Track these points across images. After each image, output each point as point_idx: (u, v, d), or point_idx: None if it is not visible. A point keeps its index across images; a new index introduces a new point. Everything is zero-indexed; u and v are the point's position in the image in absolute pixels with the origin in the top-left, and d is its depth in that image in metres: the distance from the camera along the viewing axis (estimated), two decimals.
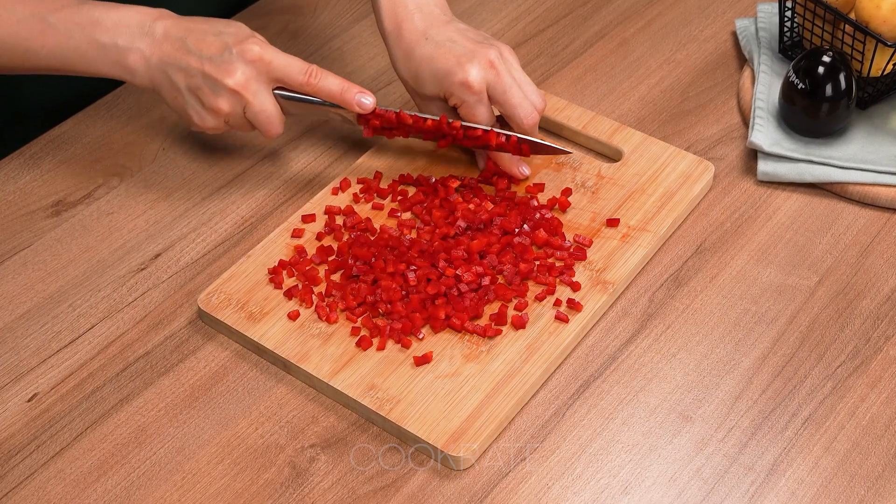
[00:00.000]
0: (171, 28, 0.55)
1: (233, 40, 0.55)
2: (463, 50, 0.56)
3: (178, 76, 0.55)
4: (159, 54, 0.55)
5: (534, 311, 0.54)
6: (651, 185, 0.60)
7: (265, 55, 0.55)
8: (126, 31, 0.55)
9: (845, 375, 0.52)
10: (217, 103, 0.55)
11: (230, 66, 0.54)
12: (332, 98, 0.56)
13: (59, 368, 0.53)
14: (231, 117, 0.56)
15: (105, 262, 0.58)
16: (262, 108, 0.56)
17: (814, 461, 0.49)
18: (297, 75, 0.55)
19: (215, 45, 0.54)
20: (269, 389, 0.52)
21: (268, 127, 0.57)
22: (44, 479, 0.49)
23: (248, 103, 0.55)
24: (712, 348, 0.53)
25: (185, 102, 0.56)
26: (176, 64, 0.54)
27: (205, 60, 0.54)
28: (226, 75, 0.54)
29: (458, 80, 0.55)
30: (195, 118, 0.56)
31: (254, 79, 0.55)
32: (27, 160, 0.63)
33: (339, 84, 0.56)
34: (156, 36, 0.55)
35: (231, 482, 0.48)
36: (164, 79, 0.55)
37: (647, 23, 0.71)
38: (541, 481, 0.48)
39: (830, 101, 0.59)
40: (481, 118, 0.56)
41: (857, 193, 0.60)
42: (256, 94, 0.55)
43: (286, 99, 0.57)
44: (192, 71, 0.54)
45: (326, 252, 0.56)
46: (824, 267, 0.57)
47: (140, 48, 0.55)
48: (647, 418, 0.50)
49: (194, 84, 0.55)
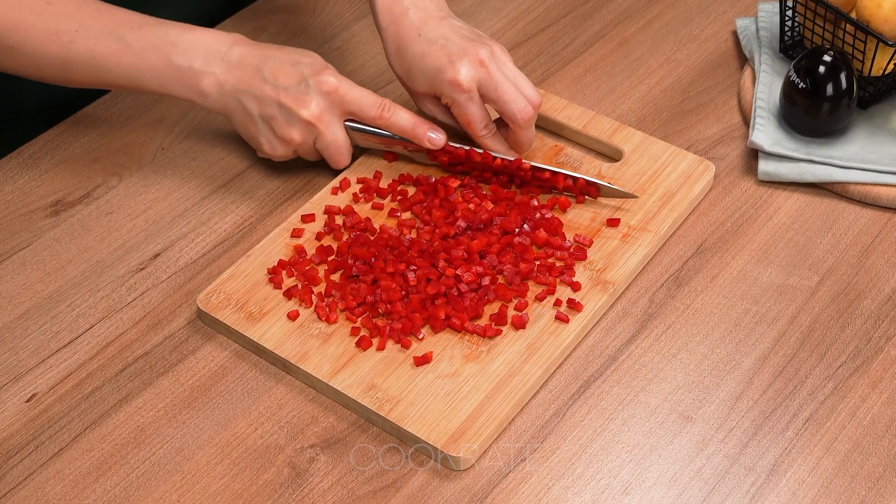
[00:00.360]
0: (246, 55, 0.56)
1: (309, 71, 0.55)
2: (454, 48, 0.56)
3: (251, 104, 0.55)
4: (234, 80, 0.55)
5: (534, 312, 0.53)
6: (651, 185, 0.59)
7: (340, 88, 0.56)
8: (202, 55, 0.55)
9: (846, 376, 0.52)
10: (290, 133, 0.56)
11: (305, 98, 0.55)
12: (404, 133, 0.57)
13: (57, 369, 0.53)
14: (301, 147, 0.57)
15: (104, 262, 0.58)
16: (334, 140, 0.57)
17: (815, 462, 0.49)
18: (371, 109, 0.56)
19: (291, 76, 0.55)
20: (269, 390, 0.52)
21: (337, 157, 0.58)
22: (42, 480, 0.49)
23: (320, 134, 0.56)
24: (713, 348, 0.53)
25: (256, 130, 0.56)
26: (251, 91, 0.55)
27: (280, 90, 0.55)
28: (301, 106, 0.55)
29: (448, 78, 0.55)
30: (265, 146, 0.57)
31: (327, 111, 0.56)
32: (26, 160, 0.63)
33: (410, 120, 0.57)
34: (231, 61, 0.55)
35: (230, 483, 0.48)
36: (237, 105, 0.56)
37: (648, 22, 0.71)
38: (541, 482, 0.48)
39: (831, 100, 0.59)
40: (474, 117, 0.56)
41: (858, 193, 0.60)
42: (329, 125, 0.56)
43: (356, 131, 0.58)
44: (267, 100, 0.55)
45: (326, 252, 0.56)
46: (825, 267, 0.57)
47: (215, 73, 0.55)
48: (647, 419, 0.50)
49: (268, 113, 0.55)
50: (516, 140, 0.58)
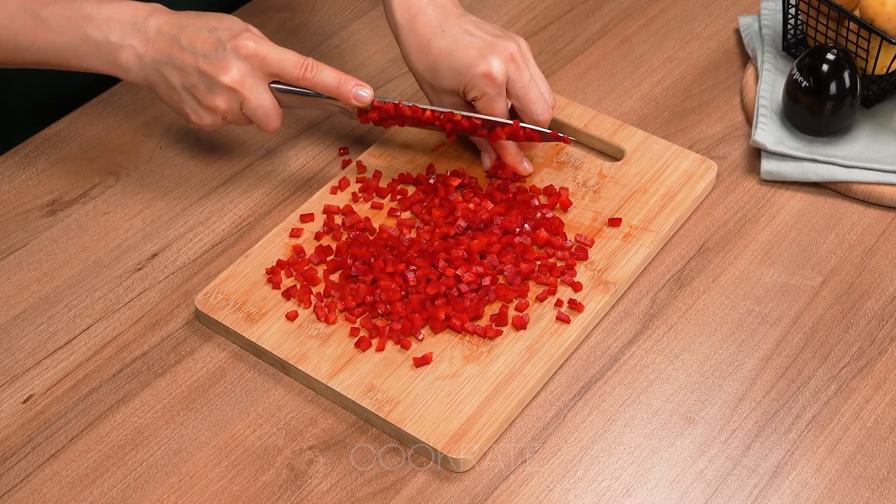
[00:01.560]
0: (163, 24, 0.54)
1: (226, 35, 0.54)
2: (483, 42, 0.55)
3: (172, 74, 0.54)
4: (153, 52, 0.54)
5: (535, 312, 0.53)
6: (653, 185, 0.59)
7: (260, 50, 0.54)
8: (118, 27, 0.54)
9: (850, 377, 0.52)
10: (214, 101, 0.55)
11: (225, 63, 0.54)
12: (329, 91, 0.56)
13: (54, 369, 0.53)
14: (228, 114, 0.56)
15: (101, 262, 0.58)
16: (260, 104, 0.55)
17: (818, 463, 0.48)
18: (293, 69, 0.55)
19: (209, 42, 0.54)
20: (267, 391, 0.51)
21: (266, 122, 0.56)
22: (39, 482, 0.48)
23: (244, 99, 0.55)
24: (715, 349, 0.53)
25: (181, 100, 0.55)
26: (170, 62, 0.54)
27: (199, 57, 0.54)
28: (221, 72, 0.54)
29: (481, 71, 0.55)
30: (192, 116, 0.56)
31: (249, 75, 0.54)
32: (22, 159, 0.63)
33: (335, 77, 0.55)
34: (149, 32, 0.54)
35: (229, 484, 0.48)
36: (158, 77, 0.55)
37: (650, 20, 0.71)
38: (542, 483, 0.48)
39: (834, 99, 0.59)
40: (500, 111, 0.56)
41: (862, 193, 0.59)
42: (253, 89, 0.55)
43: (283, 92, 0.56)
44: (188, 69, 0.54)
45: (325, 252, 0.56)
46: (828, 267, 0.57)
47: (133, 45, 0.54)
48: (649, 420, 0.50)
49: (190, 82, 0.54)
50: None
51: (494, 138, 0.57)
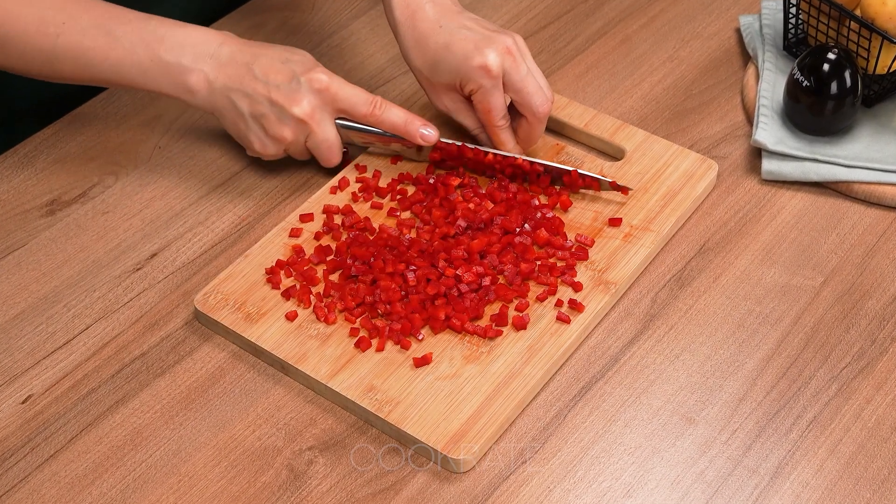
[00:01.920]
0: (236, 52, 0.55)
1: (300, 69, 0.55)
2: (479, 36, 0.56)
3: (242, 102, 0.55)
4: (224, 78, 0.55)
5: (535, 312, 0.53)
6: (654, 184, 0.59)
7: (332, 86, 0.56)
8: (191, 51, 0.55)
9: (851, 377, 0.52)
10: (281, 131, 0.56)
11: (297, 95, 0.55)
12: (396, 130, 0.57)
13: (53, 370, 0.53)
14: (292, 146, 0.57)
15: (100, 262, 0.57)
16: (325, 138, 0.56)
17: (819, 464, 0.48)
18: (362, 106, 0.56)
19: (283, 73, 0.55)
20: (267, 391, 0.51)
21: (329, 156, 0.57)
22: (38, 483, 0.48)
23: (311, 133, 0.56)
24: (716, 349, 0.53)
25: (247, 128, 0.56)
26: (241, 89, 0.55)
27: (272, 88, 0.55)
28: (293, 104, 0.55)
29: (477, 64, 0.55)
30: (256, 144, 0.57)
31: (319, 108, 0.56)
32: (21, 159, 0.63)
33: (402, 116, 0.57)
34: (221, 59, 0.55)
35: (228, 485, 0.48)
36: (226, 103, 0.55)
37: (650, 19, 0.71)
38: (542, 484, 0.48)
39: (835, 98, 0.59)
40: (496, 104, 0.56)
41: (863, 192, 0.59)
42: (321, 123, 0.56)
43: (347, 129, 0.57)
44: (259, 98, 0.55)
45: (325, 252, 0.56)
46: (829, 267, 0.56)
47: (204, 70, 0.55)
48: (649, 420, 0.50)
49: (259, 111, 0.55)
50: (528, 134, 0.58)
51: (558, 184, 0.57)
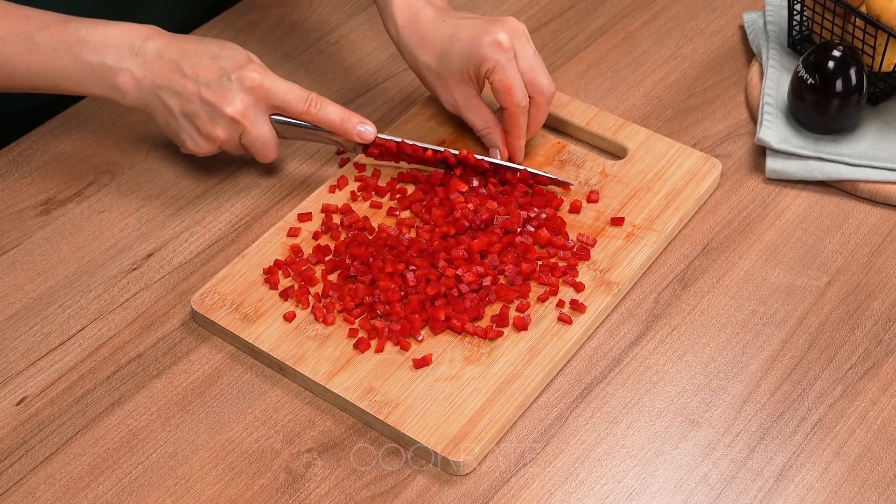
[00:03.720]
0: (163, 48, 0.54)
1: (231, 65, 0.54)
2: (483, 21, 0.56)
3: (172, 100, 0.54)
4: (152, 76, 0.54)
5: (536, 313, 0.53)
6: (656, 183, 0.59)
7: (265, 82, 0.54)
8: (115, 51, 0.54)
9: (856, 378, 0.51)
10: (214, 130, 0.55)
11: (229, 94, 0.54)
12: (333, 127, 0.56)
13: (48, 371, 0.52)
14: (227, 143, 0.56)
15: (96, 262, 0.57)
16: (259, 135, 0.55)
17: (824, 466, 0.48)
18: (297, 103, 0.55)
19: (213, 71, 0.54)
20: (265, 393, 0.51)
21: (264, 152, 0.57)
22: (33, 485, 0.48)
23: (245, 130, 0.55)
24: (719, 350, 0.52)
25: (178, 126, 0.55)
26: (171, 88, 0.54)
27: (202, 86, 0.53)
28: (225, 103, 0.54)
29: (488, 40, 0.55)
30: (189, 143, 0.56)
31: (252, 106, 0.55)
32: (16, 158, 0.62)
33: (339, 113, 0.56)
34: (147, 56, 0.54)
35: (225, 488, 0.48)
36: (156, 101, 0.54)
37: (653, 16, 0.70)
38: (543, 487, 0.47)
39: (840, 96, 0.58)
40: (515, 80, 0.55)
41: (868, 191, 0.59)
42: (255, 121, 0.55)
43: (282, 124, 0.57)
44: (189, 96, 0.54)
45: (323, 252, 0.55)
46: (834, 267, 0.56)
47: (131, 69, 0.54)
48: (652, 422, 0.50)
49: (190, 110, 0.54)
50: (535, 118, 0.58)
51: (507, 181, 0.57)
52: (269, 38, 0.69)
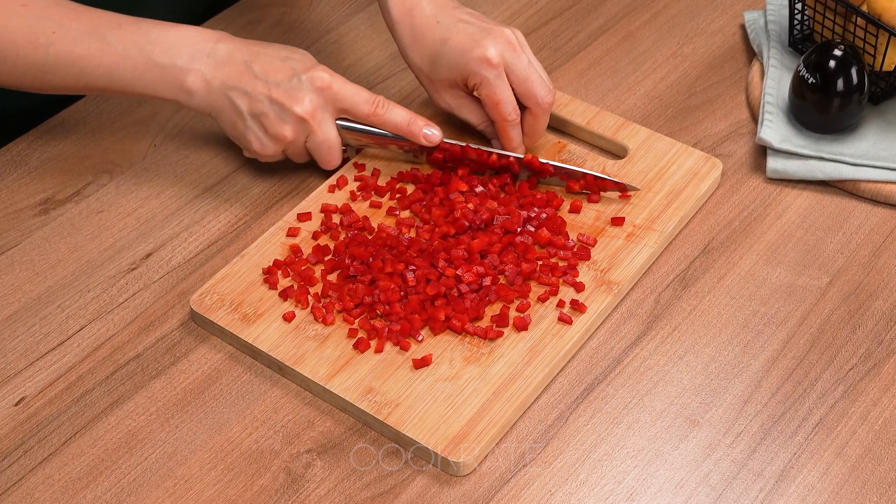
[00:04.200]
0: (234, 50, 0.54)
1: (301, 67, 0.55)
2: (477, 29, 0.56)
3: (241, 100, 0.54)
4: (222, 77, 0.54)
5: (536, 313, 0.52)
6: (657, 183, 0.58)
7: (334, 85, 0.55)
8: (186, 51, 0.54)
9: (857, 379, 0.51)
10: (282, 130, 0.55)
11: (298, 94, 0.54)
12: (399, 130, 0.56)
13: (47, 371, 0.52)
14: (292, 146, 0.56)
15: (94, 262, 0.57)
16: (326, 139, 0.56)
17: (825, 467, 0.48)
18: (364, 106, 0.55)
19: (283, 71, 0.54)
20: (264, 393, 0.51)
21: (328, 156, 0.57)
22: (31, 486, 0.48)
23: (312, 132, 0.55)
24: (720, 351, 0.52)
25: (245, 128, 0.55)
26: (241, 88, 0.54)
27: (272, 86, 0.54)
28: (294, 102, 0.54)
29: (477, 56, 0.54)
30: (255, 144, 0.56)
31: (320, 107, 0.55)
32: (14, 157, 0.62)
33: (405, 116, 0.56)
34: (218, 57, 0.54)
35: (224, 488, 0.47)
36: (225, 102, 0.54)
37: (653, 15, 0.70)
38: (543, 487, 0.47)
39: (842, 96, 0.58)
40: (504, 95, 0.55)
41: (870, 191, 0.59)
42: (322, 123, 0.55)
43: (348, 129, 0.57)
44: (258, 96, 0.54)
45: (323, 251, 0.55)
46: (835, 267, 0.56)
47: (201, 69, 0.54)
48: (652, 423, 0.49)
49: (259, 109, 0.54)
50: (533, 127, 0.57)
51: (569, 188, 0.57)
52: (268, 38, 0.69)
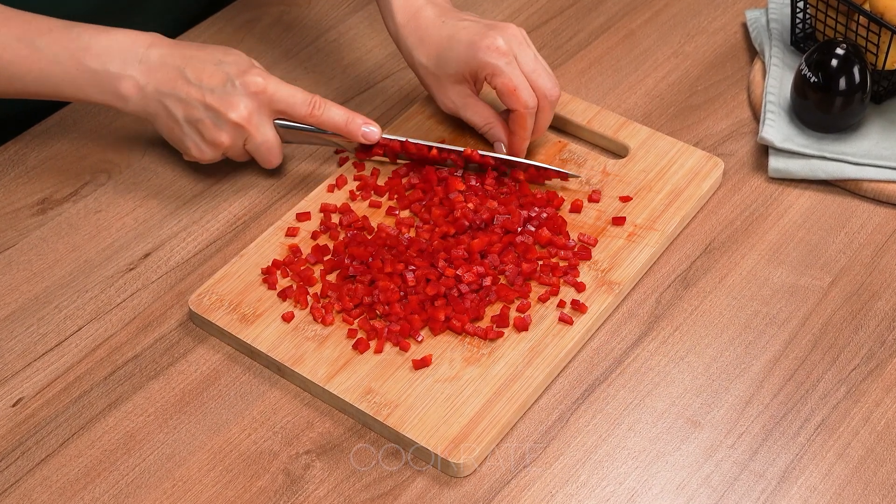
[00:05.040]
0: (166, 55, 0.54)
1: (234, 70, 0.54)
2: (482, 26, 0.56)
3: (176, 107, 0.54)
4: (155, 83, 0.54)
5: (537, 313, 0.52)
6: (658, 182, 0.58)
7: (268, 88, 0.54)
8: (118, 57, 0.53)
9: (859, 379, 0.51)
10: (219, 136, 0.55)
11: (233, 99, 0.54)
12: (337, 129, 0.56)
13: (44, 372, 0.52)
14: (231, 149, 0.56)
15: (92, 262, 0.57)
16: (264, 140, 0.56)
17: (827, 468, 0.48)
18: (301, 107, 0.55)
19: (216, 77, 0.54)
20: (263, 394, 0.51)
21: (269, 157, 0.57)
22: (29, 487, 0.48)
23: (250, 136, 0.55)
24: (722, 351, 0.52)
25: (182, 133, 0.55)
26: (174, 94, 0.54)
27: (206, 92, 0.53)
28: (229, 108, 0.54)
29: (485, 45, 0.54)
30: (193, 150, 0.56)
31: (256, 112, 0.55)
32: (11, 157, 0.62)
33: (343, 115, 0.56)
34: (151, 63, 0.54)
35: (223, 490, 0.47)
36: (160, 108, 0.54)
37: (655, 14, 0.70)
38: (544, 489, 0.47)
39: (844, 95, 0.58)
40: (519, 81, 0.55)
41: (872, 191, 0.59)
42: (259, 127, 0.55)
43: (286, 128, 0.57)
44: (193, 102, 0.54)
45: (322, 251, 0.55)
46: (838, 267, 0.56)
47: (133, 76, 0.53)
48: (654, 424, 0.49)
49: (194, 116, 0.54)
50: (538, 122, 0.57)
51: (514, 176, 0.57)
52: (267, 36, 0.69)
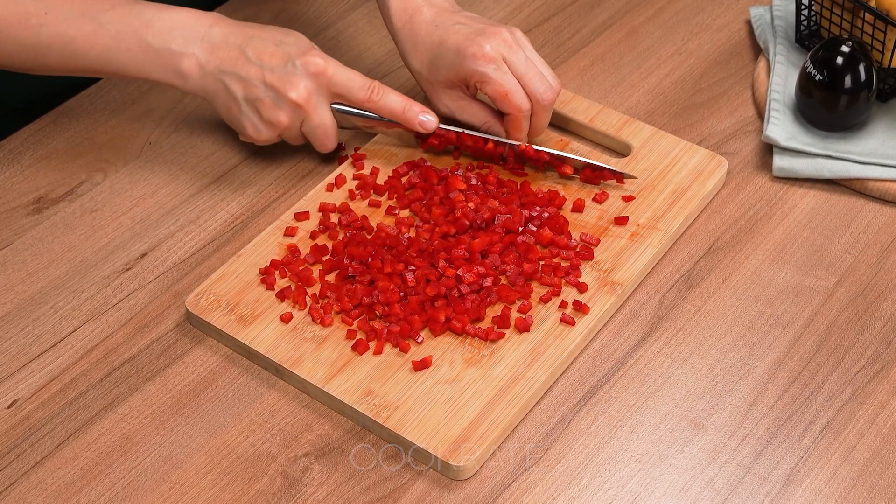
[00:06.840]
0: (229, 34, 0.54)
1: (295, 51, 0.54)
2: (472, 30, 0.56)
3: (236, 85, 0.54)
4: (217, 61, 0.54)
5: (538, 314, 0.52)
6: (661, 182, 0.58)
7: (328, 69, 0.55)
8: (180, 35, 0.54)
9: (865, 381, 0.51)
10: (277, 116, 0.55)
11: (293, 79, 0.54)
12: (394, 116, 0.56)
13: (40, 373, 0.52)
14: (288, 130, 0.56)
15: (88, 262, 0.56)
16: (321, 123, 0.56)
17: (832, 471, 0.47)
18: (359, 91, 0.55)
19: (277, 56, 0.54)
20: (261, 395, 0.50)
21: (324, 140, 0.57)
22: (24, 490, 0.47)
23: (307, 117, 0.55)
24: (725, 352, 0.52)
25: (240, 113, 0.55)
26: (235, 72, 0.54)
27: (266, 71, 0.53)
28: (289, 88, 0.54)
29: (471, 52, 0.54)
30: (250, 129, 0.56)
31: (315, 92, 0.55)
32: (7, 155, 0.62)
33: (400, 102, 0.56)
34: (212, 41, 0.54)
35: (221, 492, 0.47)
36: (220, 87, 0.54)
37: (658, 11, 0.70)
38: (545, 492, 0.47)
39: (849, 93, 0.57)
40: (510, 85, 0.55)
41: (878, 190, 0.58)
42: (317, 108, 0.55)
43: (343, 113, 0.56)
44: (253, 81, 0.54)
45: (321, 251, 0.54)
46: (843, 267, 0.55)
47: (195, 53, 0.54)
48: (657, 426, 0.49)
49: (254, 95, 0.54)
50: (534, 125, 0.57)
51: (563, 172, 0.57)
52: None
